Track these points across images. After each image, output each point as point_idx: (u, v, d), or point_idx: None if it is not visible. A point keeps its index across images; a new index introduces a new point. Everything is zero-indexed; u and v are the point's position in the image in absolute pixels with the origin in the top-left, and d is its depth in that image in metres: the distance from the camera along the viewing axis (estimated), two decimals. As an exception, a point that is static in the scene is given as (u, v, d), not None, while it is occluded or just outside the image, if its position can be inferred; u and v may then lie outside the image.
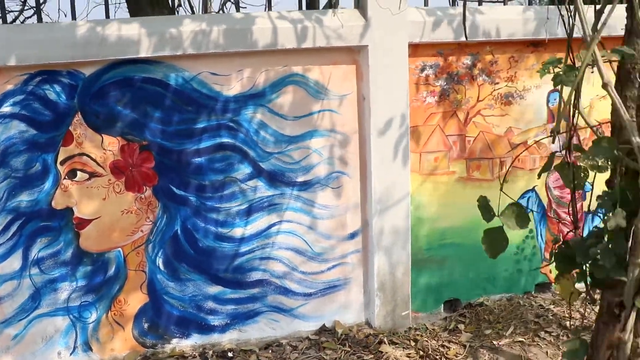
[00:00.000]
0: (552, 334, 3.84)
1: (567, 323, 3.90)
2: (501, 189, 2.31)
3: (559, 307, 4.14)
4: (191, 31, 3.33)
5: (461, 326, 3.95)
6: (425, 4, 4.02)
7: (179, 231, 3.56)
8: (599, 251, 1.87)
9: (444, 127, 3.88)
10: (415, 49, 3.73)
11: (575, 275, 2.16)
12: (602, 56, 1.81)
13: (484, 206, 2.25)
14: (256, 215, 3.66)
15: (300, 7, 3.98)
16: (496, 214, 2.28)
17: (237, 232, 3.64)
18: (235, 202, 3.62)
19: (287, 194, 3.67)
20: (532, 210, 4.20)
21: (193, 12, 6.06)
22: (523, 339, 3.77)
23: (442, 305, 4.16)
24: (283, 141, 3.63)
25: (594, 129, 2.25)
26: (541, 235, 4.27)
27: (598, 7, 1.95)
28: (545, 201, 4.23)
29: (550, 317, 4.04)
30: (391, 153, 3.68)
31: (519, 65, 3.97)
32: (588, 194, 4.00)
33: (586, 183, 4.26)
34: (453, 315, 4.14)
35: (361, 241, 3.88)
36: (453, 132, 3.90)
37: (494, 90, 3.94)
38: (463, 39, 3.60)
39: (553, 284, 4.36)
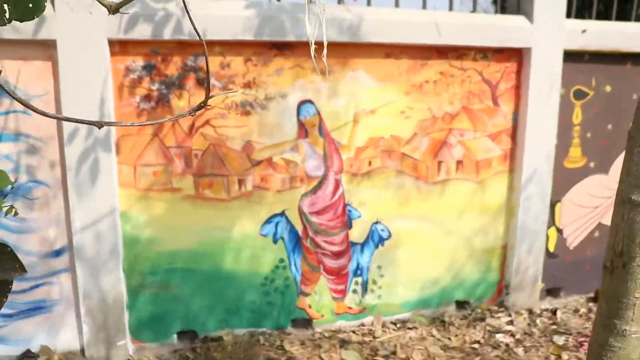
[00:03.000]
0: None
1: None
2: None
3: (301, 350, 3.63)
4: None
5: (186, 362, 3.49)
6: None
7: None
8: None
9: (164, 138, 3.40)
10: (123, 46, 3.26)
11: None
12: None
13: None
14: None
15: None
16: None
17: None
18: None
19: (-25, 203, 3.27)
20: (282, 238, 3.67)
21: None
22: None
23: (176, 336, 3.67)
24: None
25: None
26: (296, 265, 3.75)
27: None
28: (299, 227, 3.69)
29: (281, 360, 3.54)
30: (89, 163, 3.24)
31: (259, 70, 3.45)
32: (355, 222, 3.48)
33: (352, 209, 3.74)
34: (183, 349, 3.66)
35: (68, 259, 3.44)
36: (175, 144, 3.42)
37: (227, 97, 3.43)
38: (181, 36, 3.14)
39: (314, 320, 3.82)
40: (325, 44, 1.42)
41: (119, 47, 3.28)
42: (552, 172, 4.04)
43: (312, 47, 1.33)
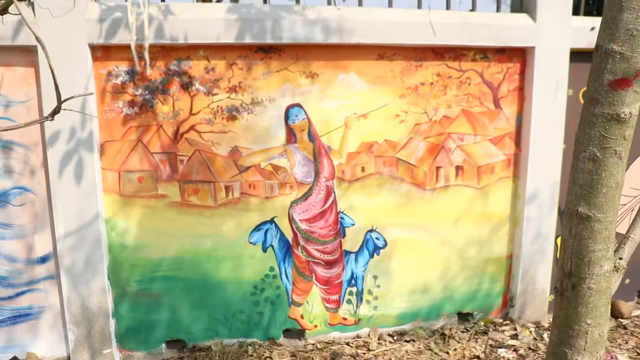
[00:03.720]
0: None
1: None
2: None
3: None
4: None
5: (171, 372, 3.43)
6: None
7: None
8: None
9: (148, 143, 3.33)
10: (106, 51, 3.21)
11: None
12: None
13: None
14: None
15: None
16: None
17: None
18: None
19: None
20: (271, 246, 3.57)
21: None
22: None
23: (164, 344, 3.61)
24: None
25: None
26: (286, 275, 3.63)
27: None
28: (289, 235, 3.58)
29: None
30: (74, 168, 3.21)
31: (244, 74, 3.35)
32: (348, 230, 3.36)
33: (345, 216, 3.61)
34: (171, 359, 3.59)
35: (54, 266, 3.41)
36: (160, 150, 3.35)
37: (212, 102, 3.35)
38: (165, 41, 3.08)
39: (307, 330, 3.70)
40: (146, 45, 1.29)
41: (101, 52, 3.22)
42: (560, 177, 3.81)
43: (134, 47, 1.20)
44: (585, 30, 3.72)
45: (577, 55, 3.73)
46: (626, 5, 1.42)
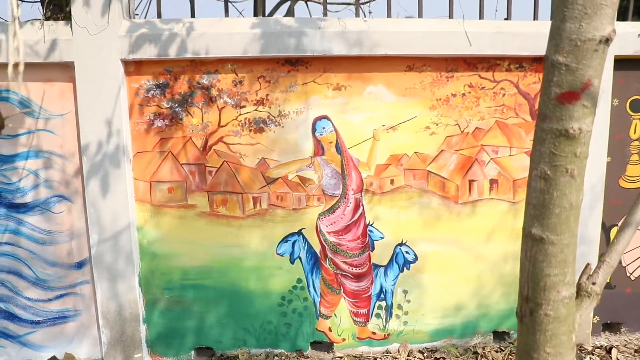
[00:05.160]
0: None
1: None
2: None
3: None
4: None
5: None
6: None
7: None
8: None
9: (178, 155, 3.43)
10: (138, 66, 3.34)
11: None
12: None
13: None
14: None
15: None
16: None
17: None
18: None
19: (5, 216, 3.48)
20: (299, 258, 3.58)
21: None
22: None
23: (193, 352, 3.69)
24: (-6, 160, 3.44)
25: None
26: (314, 287, 3.63)
27: None
28: (317, 247, 3.58)
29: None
30: (107, 178, 3.35)
31: (272, 87, 3.40)
32: (377, 243, 3.35)
33: (374, 229, 3.58)
34: (200, 365, 3.67)
35: (90, 271, 3.57)
36: (189, 161, 3.44)
37: (240, 114, 3.41)
38: (189, 55, 3.18)
39: (335, 343, 3.69)
40: (20, 62, 1.29)
41: (133, 66, 3.34)
42: (603, 191, 3.61)
43: (10, 67, 1.21)
44: (633, 36, 3.52)
45: (624, 63, 3.54)
46: (568, 14, 1.32)
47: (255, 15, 4.66)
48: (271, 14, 5.69)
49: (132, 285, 3.45)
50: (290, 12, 6.40)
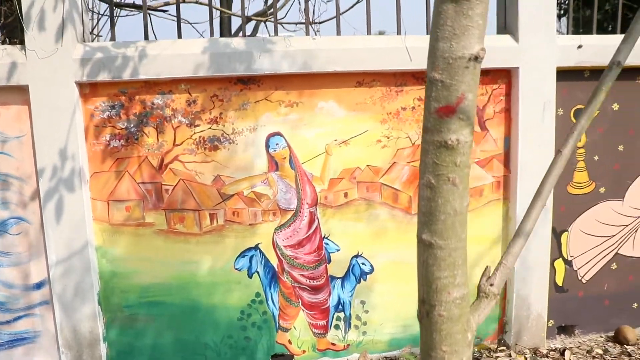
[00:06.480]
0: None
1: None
2: None
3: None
4: None
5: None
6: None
7: None
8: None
9: (134, 174, 3.48)
10: (93, 88, 3.39)
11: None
12: None
13: None
14: None
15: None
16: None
17: None
18: None
19: (-37, 239, 3.50)
20: (257, 272, 3.64)
21: None
22: None
23: (156, 370, 3.71)
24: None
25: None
26: (273, 300, 3.69)
27: None
28: (274, 261, 3.65)
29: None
30: (64, 199, 3.39)
31: (225, 105, 3.47)
32: (333, 256, 3.41)
33: (330, 242, 3.65)
34: (161, 382, 3.69)
35: (49, 292, 3.58)
36: (146, 180, 3.49)
37: (195, 133, 3.48)
38: (144, 76, 3.25)
39: (295, 356, 3.74)
40: None
41: (88, 89, 3.39)
42: (552, 199, 3.74)
43: None
44: (573, 49, 3.66)
45: (567, 74, 3.68)
46: (440, 34, 1.43)
47: (221, 36, 4.76)
48: (236, 34, 5.81)
49: (91, 305, 3.48)
50: (254, 32, 6.50)
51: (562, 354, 3.86)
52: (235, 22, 6.37)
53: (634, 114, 3.89)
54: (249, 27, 6.93)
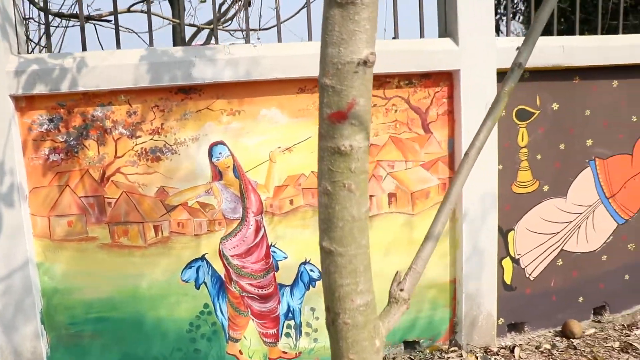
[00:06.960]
0: None
1: None
2: None
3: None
4: None
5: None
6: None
7: None
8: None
9: (76, 188, 3.41)
10: (29, 101, 3.32)
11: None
12: None
13: None
14: None
15: None
16: None
17: None
18: None
19: None
20: (204, 283, 3.60)
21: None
22: None
23: (105, 387, 3.64)
24: None
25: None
26: (222, 311, 3.66)
27: None
28: (221, 272, 3.61)
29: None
30: (2, 216, 3.33)
31: (166, 116, 3.43)
32: (281, 263, 3.38)
33: (277, 250, 3.63)
34: (110, 399, 3.61)
35: (-7, 312, 3.48)
36: (88, 193, 3.43)
37: (136, 144, 3.43)
38: (82, 88, 3.20)
39: (247, 366, 3.71)
40: None
41: (25, 102, 3.33)
42: (496, 198, 3.79)
43: None
44: (512, 51, 3.70)
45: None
46: (329, 39, 1.44)
47: (174, 44, 4.72)
48: (189, 42, 5.77)
49: (33, 324, 3.41)
50: (207, 41, 6.46)
51: (512, 351, 3.91)
52: (189, 32, 6.33)
53: (574, 113, 3.98)
54: (202, 36, 6.89)
